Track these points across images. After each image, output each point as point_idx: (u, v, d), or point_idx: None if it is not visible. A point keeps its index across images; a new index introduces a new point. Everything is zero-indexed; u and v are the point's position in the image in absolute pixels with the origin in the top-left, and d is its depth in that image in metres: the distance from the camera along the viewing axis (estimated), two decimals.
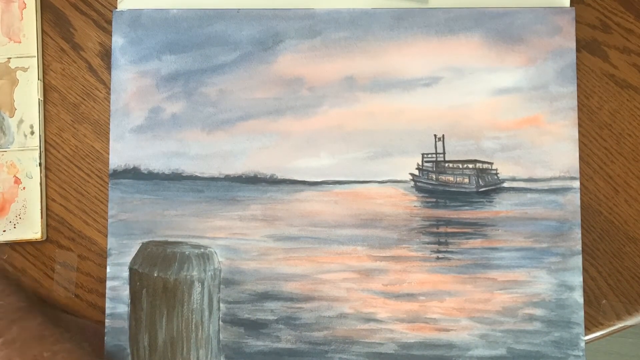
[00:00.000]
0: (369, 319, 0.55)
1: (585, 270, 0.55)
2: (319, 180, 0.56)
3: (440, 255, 0.55)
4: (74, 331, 0.52)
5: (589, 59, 0.57)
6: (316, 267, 0.55)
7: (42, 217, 0.56)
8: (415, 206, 0.56)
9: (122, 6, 0.58)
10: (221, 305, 0.55)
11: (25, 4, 0.58)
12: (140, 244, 0.55)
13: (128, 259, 0.55)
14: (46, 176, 0.58)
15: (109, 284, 0.55)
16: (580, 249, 0.54)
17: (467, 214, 0.55)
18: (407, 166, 0.56)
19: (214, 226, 0.56)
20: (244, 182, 0.56)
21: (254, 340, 0.55)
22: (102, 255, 0.56)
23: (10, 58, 0.58)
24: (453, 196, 0.56)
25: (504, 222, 0.55)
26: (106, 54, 0.58)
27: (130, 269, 0.55)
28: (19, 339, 0.44)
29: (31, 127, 0.57)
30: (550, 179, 0.55)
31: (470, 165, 0.56)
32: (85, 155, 0.58)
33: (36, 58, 0.58)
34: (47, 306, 0.54)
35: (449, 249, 0.55)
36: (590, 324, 0.55)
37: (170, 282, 0.54)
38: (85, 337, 0.51)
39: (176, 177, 0.56)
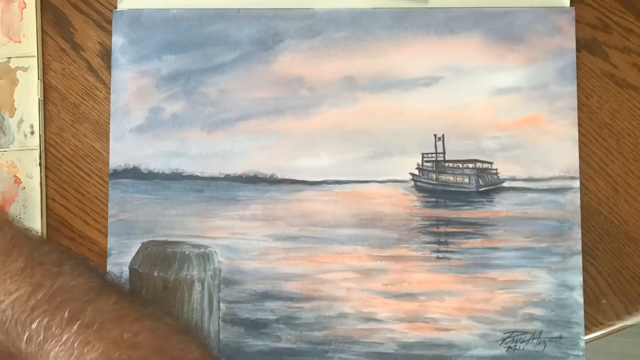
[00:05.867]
0: (369, 319, 0.55)
1: (585, 270, 0.55)
2: (319, 180, 0.56)
3: (440, 255, 0.55)
4: (152, 306, 0.49)
5: (589, 59, 0.57)
6: (316, 267, 0.55)
7: (42, 217, 0.56)
8: (415, 206, 0.56)
9: (122, 6, 0.58)
10: (221, 305, 0.55)
11: (25, 4, 0.58)
12: (140, 244, 0.55)
13: (128, 258, 0.55)
14: (46, 176, 0.58)
15: None
16: (580, 248, 0.54)
17: (467, 213, 0.55)
18: (407, 166, 0.56)
19: (214, 226, 0.56)
20: (244, 182, 0.56)
21: (254, 340, 0.55)
22: (102, 255, 0.56)
23: (10, 58, 0.58)
24: (453, 196, 0.56)
25: (504, 222, 0.55)
26: (106, 54, 0.58)
27: (130, 269, 0.55)
28: (96, 320, 0.40)
29: (31, 127, 0.57)
30: (550, 179, 0.55)
31: (470, 165, 0.56)
32: (85, 155, 0.58)
33: (36, 58, 0.58)
34: (119, 284, 0.51)
35: (449, 249, 0.55)
36: (590, 324, 0.55)
37: (170, 282, 0.54)
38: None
39: (176, 177, 0.56)
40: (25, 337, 0.40)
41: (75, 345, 0.39)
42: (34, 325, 0.40)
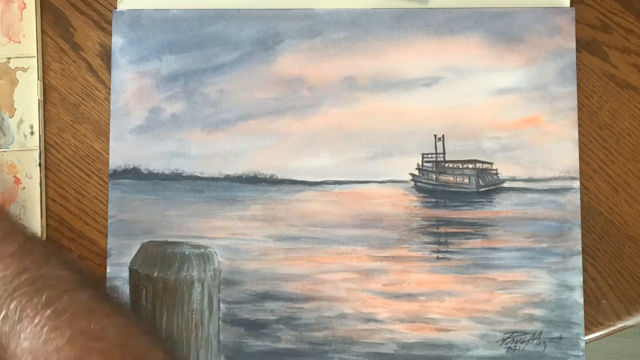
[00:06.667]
0: (369, 319, 0.55)
1: (585, 270, 0.55)
2: (319, 180, 0.56)
3: (440, 255, 0.55)
4: (125, 306, 0.53)
5: (589, 59, 0.57)
6: (316, 267, 0.55)
7: (42, 217, 0.56)
8: (415, 206, 0.56)
9: (122, 6, 0.58)
10: (221, 305, 0.55)
11: (25, 4, 0.58)
12: (140, 244, 0.55)
13: (128, 259, 0.55)
14: (46, 176, 0.58)
15: (109, 284, 0.55)
16: (580, 249, 0.54)
17: (467, 214, 0.55)
18: (407, 166, 0.56)
19: (214, 226, 0.56)
20: (244, 182, 0.56)
21: (254, 341, 0.55)
22: (102, 256, 0.56)
23: (10, 58, 0.58)
24: (453, 196, 0.56)
25: (504, 222, 0.55)
26: (106, 54, 0.58)
27: (130, 270, 0.55)
28: (68, 310, 0.43)
29: (31, 127, 0.57)
30: (550, 179, 0.55)
31: (470, 165, 0.56)
32: (85, 155, 0.58)
33: (36, 58, 0.58)
34: (101, 282, 0.55)
35: (449, 249, 0.55)
36: (590, 324, 0.55)
37: (170, 283, 0.54)
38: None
39: (176, 177, 0.56)
40: (2, 315, 0.43)
41: (45, 329, 0.42)
42: (12, 305, 0.43)
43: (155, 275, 0.55)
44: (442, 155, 0.56)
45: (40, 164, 0.57)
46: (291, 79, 0.57)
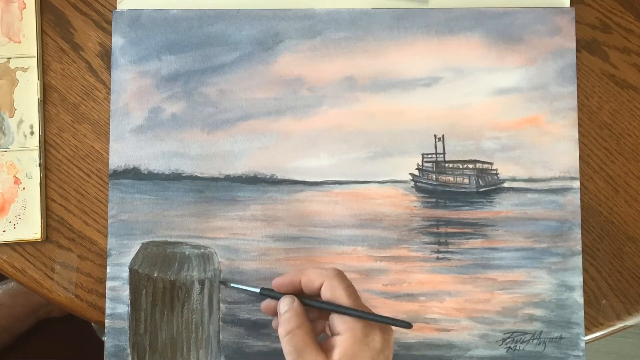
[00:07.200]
0: None
1: (585, 270, 0.55)
2: (319, 180, 0.56)
3: (441, 256, 0.55)
4: None
5: (589, 59, 0.57)
6: (316, 267, 0.55)
7: (41, 217, 0.56)
8: (415, 206, 0.56)
9: (122, 6, 0.58)
10: (221, 305, 0.55)
11: (25, 4, 0.58)
12: (140, 244, 0.55)
13: (128, 259, 0.55)
14: (46, 176, 0.58)
15: (109, 284, 0.55)
16: (580, 249, 0.55)
17: (467, 214, 0.55)
18: (407, 166, 0.56)
19: (214, 226, 0.56)
20: (244, 182, 0.56)
21: (254, 340, 0.55)
22: (102, 256, 0.56)
23: (10, 58, 0.58)
24: (453, 196, 0.56)
25: (504, 222, 0.55)
26: (106, 54, 0.58)
27: (130, 270, 0.55)
28: None
29: (31, 127, 0.57)
30: (550, 179, 0.55)
31: (470, 166, 0.56)
32: (85, 155, 0.58)
33: (36, 58, 0.58)
34: None
35: (449, 249, 0.55)
36: (590, 324, 0.55)
37: (170, 283, 0.54)
38: None
39: (176, 177, 0.56)
40: None
41: None
42: None
43: (156, 275, 0.55)
44: (442, 155, 0.56)
45: (40, 164, 0.57)
46: (291, 79, 0.57)
